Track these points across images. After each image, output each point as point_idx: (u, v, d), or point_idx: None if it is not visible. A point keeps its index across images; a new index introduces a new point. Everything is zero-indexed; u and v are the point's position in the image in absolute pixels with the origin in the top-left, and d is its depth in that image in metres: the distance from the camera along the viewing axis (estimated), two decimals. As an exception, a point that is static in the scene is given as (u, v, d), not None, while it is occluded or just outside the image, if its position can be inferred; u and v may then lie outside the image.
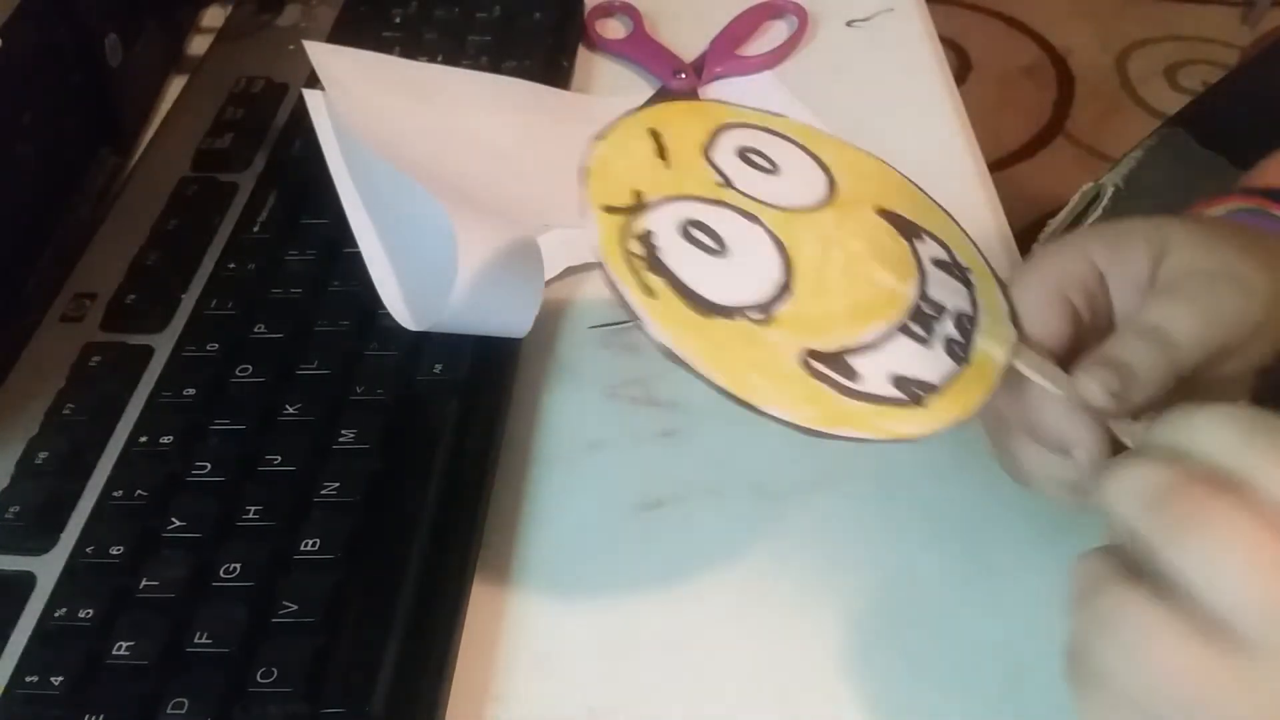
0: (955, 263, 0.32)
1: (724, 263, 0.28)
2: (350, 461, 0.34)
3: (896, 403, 0.27)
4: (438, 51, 0.51)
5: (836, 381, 0.27)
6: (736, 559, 0.35)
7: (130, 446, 0.35)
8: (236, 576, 0.31)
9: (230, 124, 0.47)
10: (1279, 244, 0.31)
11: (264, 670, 0.29)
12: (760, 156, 0.32)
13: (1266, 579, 0.21)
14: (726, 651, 0.32)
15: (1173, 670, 0.22)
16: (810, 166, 0.32)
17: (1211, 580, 0.22)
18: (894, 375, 0.28)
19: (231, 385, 0.37)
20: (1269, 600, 0.21)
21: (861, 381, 0.27)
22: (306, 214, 0.43)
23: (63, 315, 0.40)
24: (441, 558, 0.33)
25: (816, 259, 0.29)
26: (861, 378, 0.27)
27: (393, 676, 0.29)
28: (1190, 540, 0.22)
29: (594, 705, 0.31)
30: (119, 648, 0.30)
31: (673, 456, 0.38)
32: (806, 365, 0.27)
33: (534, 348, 0.40)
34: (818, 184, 0.32)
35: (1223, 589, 0.21)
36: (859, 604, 0.33)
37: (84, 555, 0.32)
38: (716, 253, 0.28)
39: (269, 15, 0.55)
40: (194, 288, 0.41)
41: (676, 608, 0.33)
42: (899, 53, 0.55)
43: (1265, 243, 0.31)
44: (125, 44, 0.49)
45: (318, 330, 0.38)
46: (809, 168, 0.32)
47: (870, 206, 0.32)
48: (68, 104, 0.46)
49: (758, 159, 0.31)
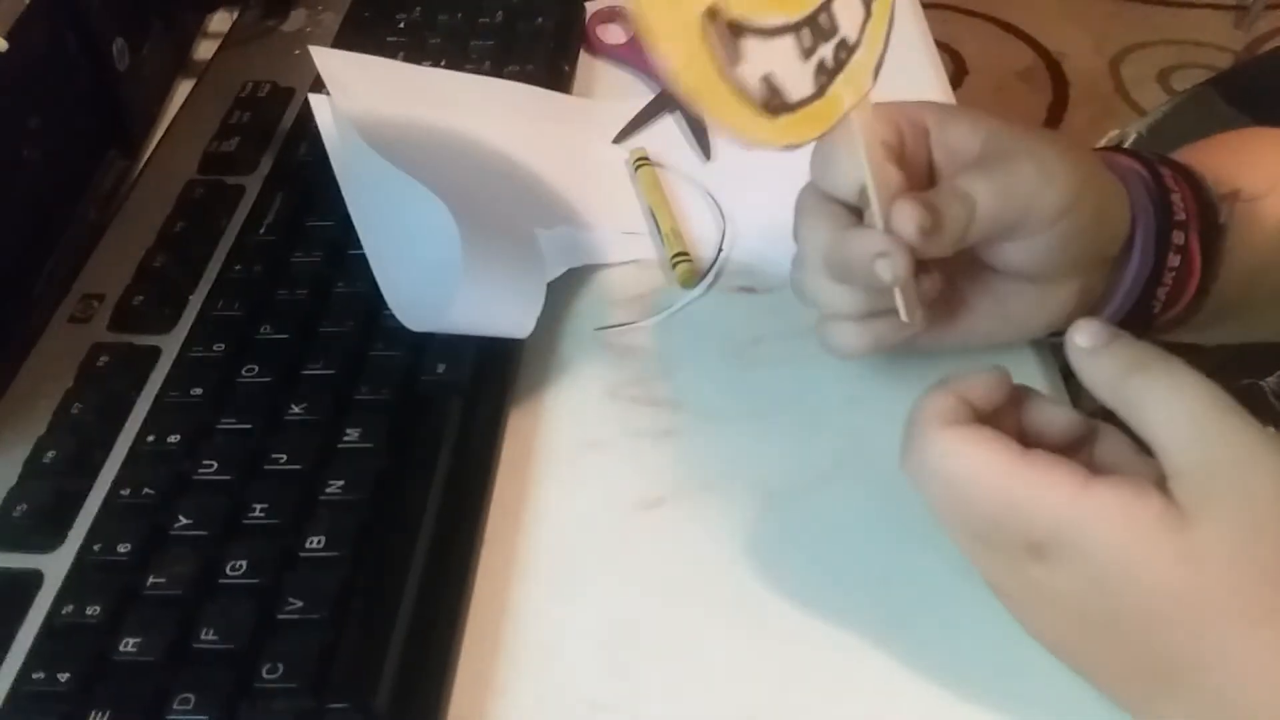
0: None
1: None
2: (355, 460, 0.35)
3: (753, 103, 0.26)
4: (441, 56, 0.51)
5: (718, 56, 0.25)
6: (736, 557, 0.35)
7: (137, 446, 0.36)
8: (243, 574, 0.32)
9: (237, 128, 0.48)
10: (1095, 158, 0.36)
11: (270, 666, 0.30)
12: None
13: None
14: (726, 649, 0.33)
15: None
16: None
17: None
18: (765, 74, 0.26)
19: (238, 385, 0.37)
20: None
21: (739, 68, 0.26)
22: (312, 216, 0.43)
23: (71, 316, 0.40)
24: (444, 555, 0.33)
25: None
26: (741, 64, 0.26)
27: (397, 671, 0.30)
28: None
29: (595, 700, 0.32)
30: (126, 645, 0.30)
31: (673, 456, 0.38)
32: (706, 22, 0.25)
33: (535, 348, 0.41)
34: None
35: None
36: (859, 603, 0.33)
37: (91, 553, 0.33)
38: None
39: (275, 20, 0.56)
40: (201, 289, 0.41)
41: (676, 604, 0.34)
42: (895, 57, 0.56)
43: (1080, 151, 0.35)
44: (132, 48, 0.49)
45: (323, 331, 0.39)
46: None
47: None
48: (75, 107, 0.46)
49: None
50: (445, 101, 0.47)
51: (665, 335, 0.42)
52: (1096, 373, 0.28)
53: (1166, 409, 0.26)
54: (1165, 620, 0.25)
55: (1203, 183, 0.38)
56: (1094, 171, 0.35)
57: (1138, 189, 0.36)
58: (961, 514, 0.28)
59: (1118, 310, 0.37)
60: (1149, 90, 1.72)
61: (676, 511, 0.36)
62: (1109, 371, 0.27)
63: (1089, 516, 0.25)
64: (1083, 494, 0.26)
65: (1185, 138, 0.43)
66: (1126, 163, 0.37)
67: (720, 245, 0.45)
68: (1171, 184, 0.37)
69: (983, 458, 0.27)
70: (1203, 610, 0.25)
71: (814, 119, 0.28)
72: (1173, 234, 0.36)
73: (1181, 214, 0.36)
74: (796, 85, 0.27)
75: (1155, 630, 0.26)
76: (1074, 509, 0.26)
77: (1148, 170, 0.37)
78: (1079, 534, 0.26)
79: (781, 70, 0.27)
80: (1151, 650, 0.26)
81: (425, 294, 0.38)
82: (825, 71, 0.28)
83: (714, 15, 0.25)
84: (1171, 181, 0.37)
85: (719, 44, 0.25)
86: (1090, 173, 0.34)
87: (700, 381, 0.40)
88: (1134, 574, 0.25)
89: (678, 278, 0.43)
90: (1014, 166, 0.33)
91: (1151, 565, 0.25)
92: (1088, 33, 1.84)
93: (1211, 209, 0.37)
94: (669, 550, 0.35)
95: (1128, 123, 0.69)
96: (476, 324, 0.37)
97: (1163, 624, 0.25)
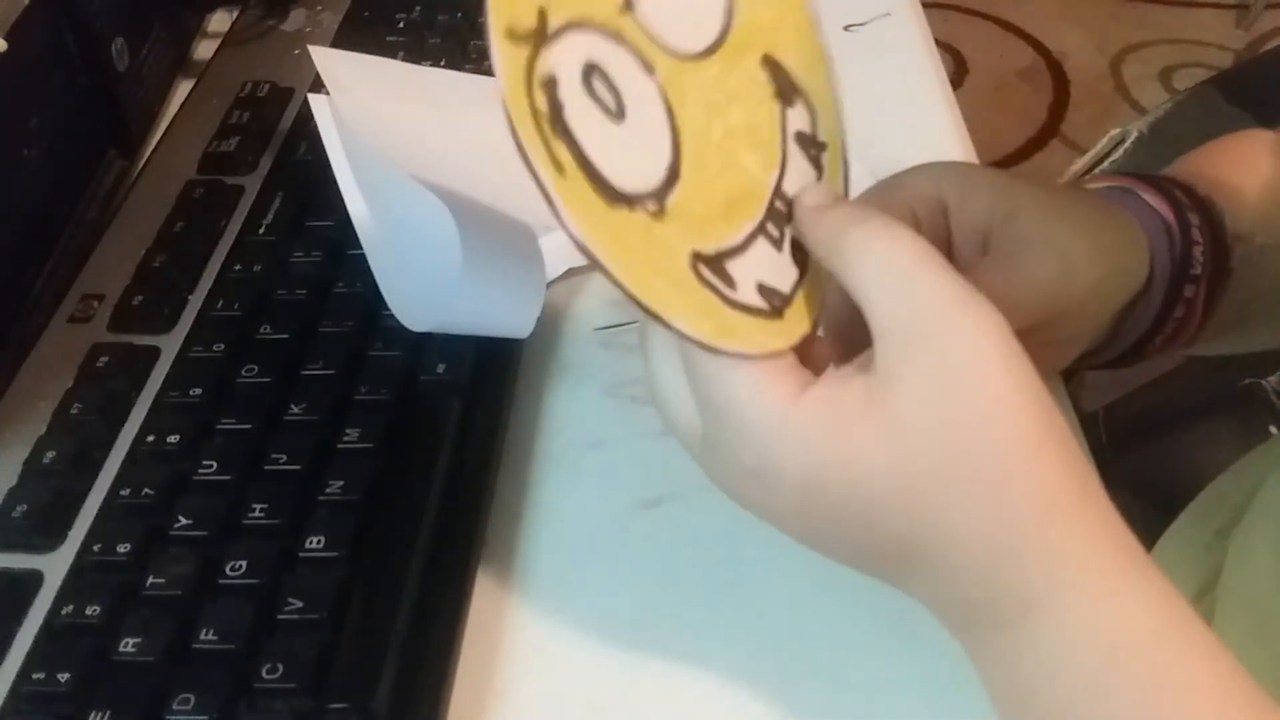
0: (814, 137, 0.29)
1: (621, 130, 0.25)
2: (354, 460, 0.35)
3: (763, 314, 0.26)
4: (440, 55, 0.51)
5: (720, 291, 0.25)
6: (736, 556, 0.35)
7: (137, 446, 0.36)
8: (242, 574, 0.32)
9: (236, 128, 0.48)
10: (1122, 223, 0.34)
11: (269, 666, 0.30)
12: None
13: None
14: (726, 647, 0.33)
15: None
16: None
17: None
18: (758, 282, 0.26)
19: (237, 385, 0.37)
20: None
21: (738, 290, 0.26)
22: (311, 216, 0.43)
23: (70, 316, 0.40)
24: (444, 555, 0.33)
25: (699, 133, 0.26)
26: (738, 286, 0.26)
27: (396, 672, 0.30)
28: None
29: (594, 700, 0.32)
30: (126, 645, 0.30)
31: (673, 455, 0.38)
32: (695, 270, 0.25)
33: (535, 348, 0.41)
34: (716, 10, 0.28)
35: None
36: (859, 603, 0.33)
37: (91, 553, 0.33)
38: (614, 116, 0.25)
39: (274, 20, 0.56)
40: (200, 289, 0.41)
41: (676, 604, 0.34)
42: (895, 57, 0.56)
43: (1112, 220, 0.33)
44: (132, 48, 0.49)
45: (322, 331, 0.39)
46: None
47: (758, 54, 0.28)
48: (75, 107, 0.46)
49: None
50: (445, 101, 0.47)
51: (665, 335, 0.42)
52: (818, 230, 0.26)
53: (878, 263, 0.25)
54: (883, 508, 0.24)
55: (1223, 225, 0.36)
56: (1116, 243, 0.33)
57: (1159, 241, 0.35)
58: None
59: (1112, 351, 0.37)
60: (1150, 90, 1.72)
61: (676, 511, 0.36)
62: (830, 229, 0.26)
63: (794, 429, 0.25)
64: (792, 409, 0.25)
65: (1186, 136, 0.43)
66: (1154, 205, 0.36)
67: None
68: (1197, 235, 0.35)
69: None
70: (913, 486, 0.24)
71: (810, 293, 0.28)
72: (1185, 288, 0.35)
73: (1198, 269, 0.35)
74: (782, 274, 0.27)
75: (877, 522, 0.25)
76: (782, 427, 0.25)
77: (1176, 218, 0.35)
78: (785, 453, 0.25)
79: (767, 270, 0.27)
80: (878, 541, 0.25)
81: (425, 294, 0.38)
82: (800, 248, 0.28)
83: (700, 259, 0.25)
84: (1197, 233, 0.35)
85: (716, 282, 0.25)
86: (1112, 246, 0.33)
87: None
88: (847, 475, 0.24)
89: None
90: (1034, 263, 0.31)
91: (859, 457, 0.24)
92: (1089, 32, 1.84)
93: (1225, 255, 0.36)
94: (669, 550, 0.35)
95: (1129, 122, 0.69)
96: (476, 324, 0.37)
97: (882, 513, 0.24)
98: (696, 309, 0.24)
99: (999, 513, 0.24)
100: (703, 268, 0.25)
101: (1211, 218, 0.37)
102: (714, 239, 0.26)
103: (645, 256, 0.24)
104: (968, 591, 0.25)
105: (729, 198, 0.26)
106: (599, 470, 0.37)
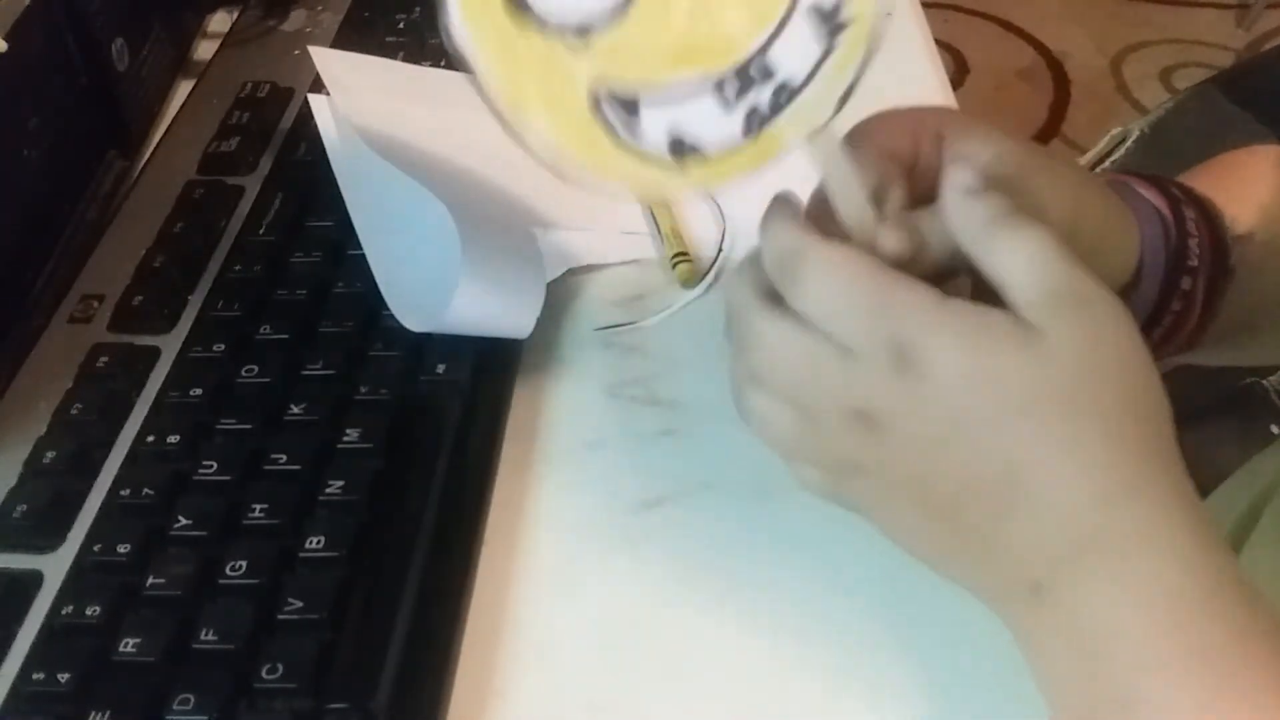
0: (837, 15, 0.28)
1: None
2: (354, 461, 0.35)
3: (658, 161, 0.26)
4: (441, 56, 0.51)
5: (614, 127, 0.25)
6: (736, 557, 0.35)
7: (137, 446, 0.36)
8: (242, 574, 0.32)
9: (236, 128, 0.48)
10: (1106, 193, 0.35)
11: (269, 667, 0.30)
12: None
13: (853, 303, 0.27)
14: (726, 647, 0.33)
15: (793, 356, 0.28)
16: None
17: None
18: (674, 132, 0.26)
19: (237, 385, 0.37)
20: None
21: (638, 132, 0.26)
22: (311, 217, 0.43)
23: (71, 316, 0.40)
24: (444, 555, 0.33)
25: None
26: (641, 128, 0.26)
27: (396, 672, 0.30)
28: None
29: (594, 700, 0.32)
30: (126, 645, 0.30)
31: (673, 455, 0.38)
32: (595, 105, 0.25)
33: (535, 348, 0.41)
34: None
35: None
36: (858, 603, 0.33)
37: (91, 554, 0.33)
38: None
39: (274, 21, 0.56)
40: (200, 289, 0.41)
41: (676, 604, 0.34)
42: (896, 56, 0.56)
43: (1095, 183, 0.34)
44: (132, 49, 0.49)
45: (322, 331, 0.39)
46: None
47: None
48: (75, 108, 0.46)
49: None
50: (445, 101, 0.47)
51: (665, 335, 0.42)
52: (968, 214, 0.28)
53: (1025, 250, 0.27)
54: (1013, 421, 0.26)
55: (1221, 222, 0.37)
56: (1096, 204, 0.34)
57: (1152, 229, 0.35)
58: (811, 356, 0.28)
59: None
60: (1151, 89, 1.71)
61: (676, 511, 0.36)
62: (979, 216, 0.28)
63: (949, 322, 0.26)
64: (944, 303, 0.27)
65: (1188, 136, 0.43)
66: (1149, 196, 0.36)
67: (720, 245, 0.45)
68: (1193, 228, 0.36)
69: (855, 266, 0.28)
70: (1051, 408, 0.26)
71: (742, 160, 0.28)
72: (1181, 280, 0.35)
73: (1195, 260, 0.36)
74: (715, 133, 0.27)
75: (1005, 432, 0.26)
76: (938, 314, 0.27)
77: (1171, 210, 0.36)
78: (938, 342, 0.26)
79: (695, 124, 0.27)
80: (988, 460, 0.26)
81: (425, 294, 0.38)
82: (758, 116, 0.28)
83: (608, 94, 0.25)
84: (1193, 226, 0.36)
85: (612, 118, 0.25)
86: (1091, 205, 0.33)
87: (700, 381, 0.40)
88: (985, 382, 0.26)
89: (678, 278, 0.43)
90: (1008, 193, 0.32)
91: (1001, 371, 0.26)
92: (1089, 32, 1.84)
93: (1224, 251, 0.36)
94: (669, 550, 0.35)
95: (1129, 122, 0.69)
96: (476, 324, 0.37)
97: (1011, 425, 0.26)
98: (574, 137, 0.25)
99: (1125, 448, 0.26)
100: (605, 105, 0.25)
101: (1209, 213, 0.37)
102: (640, 77, 0.25)
103: (534, 83, 0.24)
104: (1076, 521, 0.26)
105: (687, 44, 0.26)
106: (599, 470, 0.37)
